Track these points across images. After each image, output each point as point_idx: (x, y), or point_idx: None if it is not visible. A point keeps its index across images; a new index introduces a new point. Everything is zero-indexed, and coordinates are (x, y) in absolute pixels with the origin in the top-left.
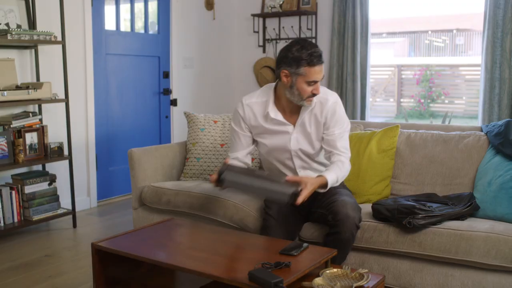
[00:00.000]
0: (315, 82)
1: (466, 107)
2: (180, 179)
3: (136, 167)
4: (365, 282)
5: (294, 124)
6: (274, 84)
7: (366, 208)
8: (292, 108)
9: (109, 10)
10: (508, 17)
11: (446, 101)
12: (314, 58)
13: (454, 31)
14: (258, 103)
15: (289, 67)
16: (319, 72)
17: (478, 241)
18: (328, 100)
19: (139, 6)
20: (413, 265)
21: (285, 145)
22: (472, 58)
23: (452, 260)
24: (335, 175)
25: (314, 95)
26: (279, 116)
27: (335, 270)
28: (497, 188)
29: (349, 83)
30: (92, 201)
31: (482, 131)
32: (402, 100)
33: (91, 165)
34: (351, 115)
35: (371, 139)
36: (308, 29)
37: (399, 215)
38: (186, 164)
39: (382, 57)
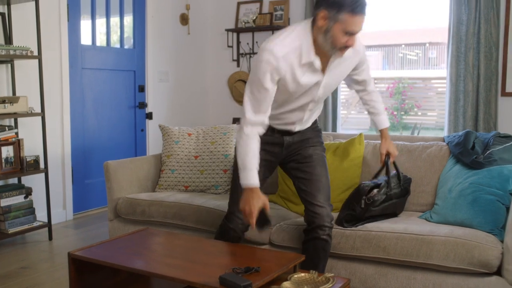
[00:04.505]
0: (352, 33)
1: (437, 119)
2: (155, 190)
3: (112, 179)
4: (331, 285)
5: (323, 71)
6: (308, 23)
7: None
8: (325, 53)
9: (85, 25)
10: (470, 32)
11: (419, 113)
12: (358, 6)
13: (427, 45)
14: (292, 50)
15: (329, 8)
16: (359, 23)
17: (438, 245)
18: (360, 50)
19: (115, 21)
20: (378, 269)
21: (311, 93)
22: (443, 71)
23: (414, 264)
24: (385, 113)
25: (347, 47)
26: (318, 64)
27: (302, 274)
28: (456, 195)
29: None
30: (68, 213)
31: (444, 141)
32: None
33: (67, 178)
34: (323, 127)
35: (338, 148)
36: None
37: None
38: (161, 176)
39: None
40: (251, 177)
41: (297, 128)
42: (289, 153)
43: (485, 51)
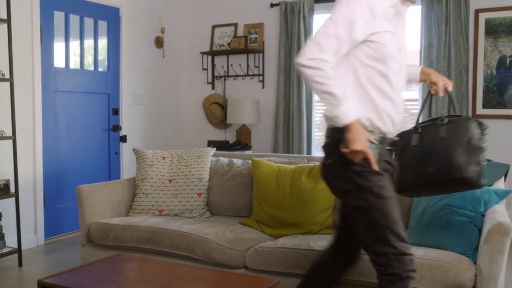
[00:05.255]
0: None
1: None
2: (129, 215)
3: (85, 203)
4: None
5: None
6: None
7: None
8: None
9: (58, 48)
10: (441, 56)
11: None
12: None
13: None
14: None
15: None
16: None
17: None
18: None
19: (89, 43)
20: None
21: (396, 52)
22: (416, 93)
23: None
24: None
25: None
26: (401, 8)
27: None
28: (429, 217)
29: (295, 119)
30: (39, 239)
31: None
32: None
33: (38, 202)
34: (298, 149)
35: (313, 170)
36: (255, 66)
37: None
38: (135, 200)
39: None
40: (352, 108)
41: (400, 120)
42: None
43: (456, 74)
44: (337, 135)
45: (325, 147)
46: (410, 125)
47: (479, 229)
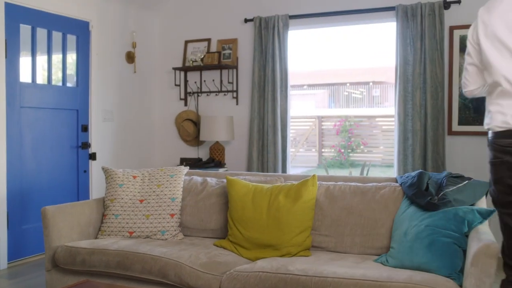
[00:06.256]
0: None
1: (384, 156)
2: (98, 237)
3: (50, 226)
4: None
5: None
6: None
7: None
8: None
9: (24, 62)
10: (417, 72)
11: (366, 151)
12: None
13: (371, 84)
14: None
15: None
16: None
17: None
18: None
19: (57, 58)
20: None
21: None
22: (387, 109)
23: None
24: None
25: None
26: None
27: None
28: (412, 238)
29: (270, 136)
30: (2, 262)
31: (397, 182)
32: (323, 150)
33: (1, 223)
34: (273, 167)
35: (290, 189)
36: (229, 82)
37: None
38: (104, 221)
39: (304, 108)
40: None
41: None
42: None
43: (431, 91)
44: None
45: None
46: (382, 140)
47: (464, 250)
